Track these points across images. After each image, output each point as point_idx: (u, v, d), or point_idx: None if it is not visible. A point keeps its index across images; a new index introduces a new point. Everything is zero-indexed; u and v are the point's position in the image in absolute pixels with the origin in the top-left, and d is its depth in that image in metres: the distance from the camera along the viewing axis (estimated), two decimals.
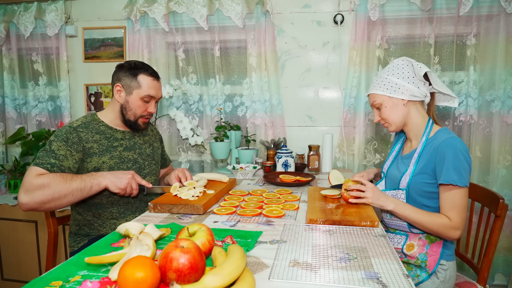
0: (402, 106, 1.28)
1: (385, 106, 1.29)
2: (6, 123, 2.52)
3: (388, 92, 1.27)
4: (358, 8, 2.05)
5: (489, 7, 1.91)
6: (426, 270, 1.22)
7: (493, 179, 1.98)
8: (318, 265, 0.81)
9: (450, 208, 1.14)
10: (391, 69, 1.29)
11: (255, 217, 1.17)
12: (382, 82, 1.29)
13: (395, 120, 1.30)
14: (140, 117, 1.42)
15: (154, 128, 1.69)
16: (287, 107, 2.25)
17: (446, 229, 1.14)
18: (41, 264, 2.16)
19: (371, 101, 1.34)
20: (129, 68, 1.39)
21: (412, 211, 1.18)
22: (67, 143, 1.28)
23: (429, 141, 1.23)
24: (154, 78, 1.41)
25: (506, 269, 2.04)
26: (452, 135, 1.18)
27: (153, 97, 1.41)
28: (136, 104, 1.39)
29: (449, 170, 1.12)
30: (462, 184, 1.11)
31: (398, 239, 1.30)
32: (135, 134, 1.50)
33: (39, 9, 2.34)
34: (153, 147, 1.56)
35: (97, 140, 1.36)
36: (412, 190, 1.24)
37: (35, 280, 0.73)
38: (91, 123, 1.39)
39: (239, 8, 2.14)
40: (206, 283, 0.64)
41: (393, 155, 1.42)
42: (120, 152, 1.41)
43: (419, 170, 1.22)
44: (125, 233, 0.91)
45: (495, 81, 1.94)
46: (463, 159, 1.12)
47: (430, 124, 1.28)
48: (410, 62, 1.27)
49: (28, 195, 1.16)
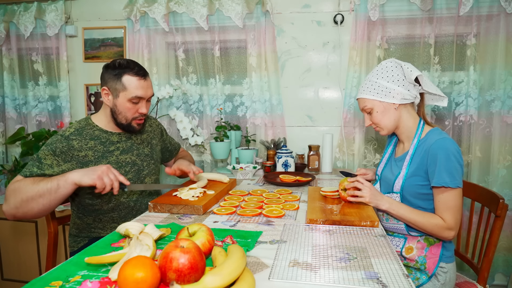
0: (394, 110, 1.26)
1: (377, 111, 1.28)
2: (6, 123, 2.52)
3: (378, 96, 1.26)
4: (358, 8, 2.04)
5: (489, 7, 1.90)
6: (425, 273, 1.22)
7: (493, 179, 1.97)
8: (318, 265, 0.81)
9: (443, 210, 1.14)
10: (380, 72, 1.27)
11: (255, 217, 1.17)
12: (372, 86, 1.27)
13: (386, 125, 1.29)
14: (132, 120, 1.35)
15: (153, 122, 1.61)
16: (287, 107, 2.25)
17: (440, 230, 1.15)
18: (41, 264, 2.16)
19: (361, 106, 1.33)
20: (113, 68, 1.30)
21: (406, 210, 1.19)
22: (54, 153, 1.24)
23: (421, 143, 1.23)
24: (140, 77, 1.31)
25: (506, 269, 2.04)
26: (443, 135, 1.17)
27: (141, 97, 1.32)
28: (124, 107, 1.31)
29: (441, 172, 1.12)
30: (455, 186, 1.11)
31: (397, 242, 1.29)
32: (132, 134, 1.44)
33: (39, 9, 2.34)
34: (151, 145, 1.51)
35: (92, 147, 1.31)
36: (406, 192, 1.24)
37: (35, 280, 0.73)
38: (85, 128, 1.34)
39: (239, 8, 2.14)
40: (206, 283, 0.64)
41: (386, 158, 1.42)
42: (117, 156, 1.36)
43: (412, 172, 1.22)
44: (125, 233, 0.91)
45: (495, 81, 1.93)
46: (455, 160, 1.12)
47: (421, 125, 1.27)
48: (399, 64, 1.25)
49: (6, 203, 1.16)
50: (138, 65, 1.34)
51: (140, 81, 1.31)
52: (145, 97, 1.34)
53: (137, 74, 1.30)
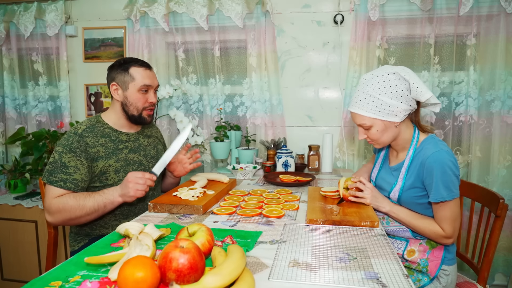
0: (394, 128, 1.19)
1: (377, 130, 1.19)
2: (6, 123, 2.52)
3: (380, 115, 1.16)
4: (358, 8, 2.04)
5: (489, 7, 1.90)
6: (427, 275, 1.22)
7: (493, 179, 1.97)
8: (318, 265, 0.81)
9: (441, 221, 1.15)
10: (383, 87, 1.15)
11: (255, 217, 1.17)
12: (374, 103, 1.16)
13: (385, 141, 1.23)
14: (143, 110, 1.42)
15: (158, 131, 1.69)
16: (287, 107, 2.25)
17: (438, 237, 1.16)
18: (41, 264, 2.16)
19: (358, 122, 1.22)
20: (120, 65, 1.39)
21: (406, 214, 1.19)
22: (75, 153, 1.28)
23: (417, 152, 1.19)
24: (146, 68, 1.41)
25: (506, 269, 2.04)
26: (439, 147, 1.13)
27: (149, 85, 1.40)
28: (135, 97, 1.39)
29: (438, 187, 1.10)
30: (451, 198, 1.10)
31: (399, 245, 1.28)
32: (140, 135, 1.50)
33: (39, 9, 2.34)
34: (157, 149, 1.57)
35: (103, 144, 1.36)
36: (403, 203, 1.23)
37: (35, 280, 0.73)
38: (95, 126, 1.38)
39: (239, 8, 2.14)
40: (205, 283, 0.64)
41: (379, 163, 1.39)
42: (126, 155, 1.41)
43: (410, 185, 1.20)
44: (124, 233, 0.91)
45: (495, 81, 1.93)
46: (451, 174, 1.10)
47: (417, 134, 1.22)
48: (403, 78, 1.14)
49: (50, 216, 1.26)
50: (141, 59, 1.44)
51: (146, 71, 1.40)
52: (153, 85, 1.42)
53: (143, 65, 1.40)
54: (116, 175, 1.36)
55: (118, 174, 1.36)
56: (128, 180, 1.24)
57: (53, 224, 1.30)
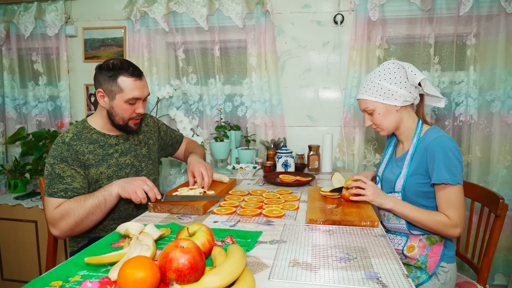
0: (395, 112, 1.28)
1: (378, 113, 1.28)
2: (6, 123, 2.52)
3: (381, 98, 1.26)
4: (358, 8, 2.04)
5: (489, 7, 1.90)
6: (426, 272, 1.22)
7: (493, 179, 1.97)
8: (318, 265, 0.81)
9: (446, 207, 1.14)
10: (383, 74, 1.27)
11: (255, 217, 1.17)
12: (375, 88, 1.27)
13: (388, 126, 1.30)
14: (129, 120, 1.34)
15: (150, 120, 1.59)
16: (287, 107, 2.25)
17: (446, 228, 1.14)
18: (41, 264, 2.16)
19: (363, 107, 1.33)
20: (108, 70, 1.28)
21: (410, 209, 1.19)
22: (68, 163, 1.25)
23: (420, 141, 1.25)
24: (136, 78, 1.29)
25: (506, 269, 2.04)
26: (441, 133, 1.19)
27: (138, 98, 1.31)
28: (121, 108, 1.30)
29: (440, 169, 1.13)
30: (455, 182, 1.12)
31: (399, 240, 1.30)
32: (129, 136, 1.44)
33: (39, 9, 2.34)
34: (148, 146, 1.51)
35: (92, 151, 1.31)
36: (407, 191, 1.25)
37: (35, 280, 0.74)
38: (82, 132, 1.33)
39: (239, 8, 2.13)
40: (206, 283, 0.64)
41: (386, 158, 1.43)
42: (117, 159, 1.37)
43: (413, 171, 1.23)
44: (125, 233, 0.91)
45: (495, 81, 1.93)
46: (453, 157, 1.13)
47: (420, 125, 1.28)
48: (401, 66, 1.26)
49: (55, 228, 1.22)
50: (133, 65, 1.32)
51: (136, 81, 1.29)
52: (141, 97, 1.33)
53: (132, 74, 1.29)
54: (109, 181, 1.32)
55: (111, 180, 1.32)
56: (136, 179, 1.23)
57: (60, 236, 1.23)
